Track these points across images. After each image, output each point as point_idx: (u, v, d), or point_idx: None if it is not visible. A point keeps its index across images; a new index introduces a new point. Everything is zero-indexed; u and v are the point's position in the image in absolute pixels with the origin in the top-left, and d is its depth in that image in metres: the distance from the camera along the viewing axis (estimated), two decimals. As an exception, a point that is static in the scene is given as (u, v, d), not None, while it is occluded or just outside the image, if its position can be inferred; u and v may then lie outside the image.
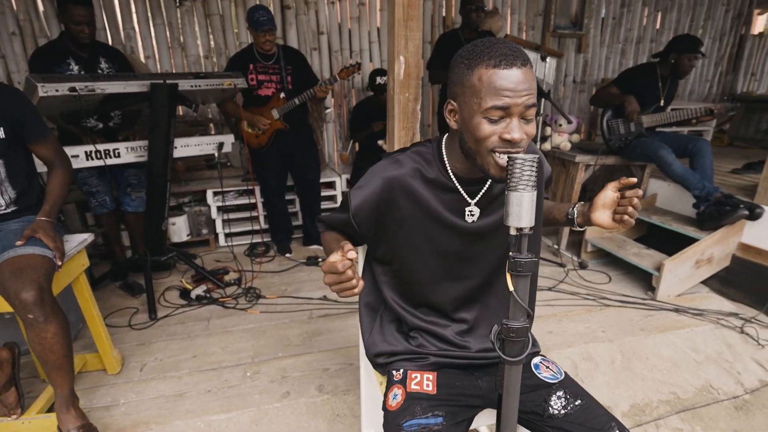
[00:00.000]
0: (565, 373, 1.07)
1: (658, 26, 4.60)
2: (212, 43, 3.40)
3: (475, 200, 0.97)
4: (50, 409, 1.56)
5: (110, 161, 2.22)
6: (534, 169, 0.73)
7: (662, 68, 2.81)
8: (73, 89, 1.86)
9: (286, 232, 3.24)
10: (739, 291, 2.57)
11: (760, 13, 5.33)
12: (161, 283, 2.71)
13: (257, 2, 3.39)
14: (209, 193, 3.14)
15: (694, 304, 2.51)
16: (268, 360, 2.01)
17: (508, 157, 0.74)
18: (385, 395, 1.01)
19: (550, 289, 2.66)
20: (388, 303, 1.09)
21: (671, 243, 2.71)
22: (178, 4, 3.19)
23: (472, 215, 0.98)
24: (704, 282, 2.70)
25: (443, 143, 0.97)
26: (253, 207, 3.27)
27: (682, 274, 2.55)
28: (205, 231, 3.23)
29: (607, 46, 4.46)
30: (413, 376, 1.01)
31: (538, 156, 0.74)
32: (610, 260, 3.03)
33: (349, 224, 0.99)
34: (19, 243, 1.35)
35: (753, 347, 2.25)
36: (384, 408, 0.99)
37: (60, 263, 1.38)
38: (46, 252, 1.37)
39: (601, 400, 1.82)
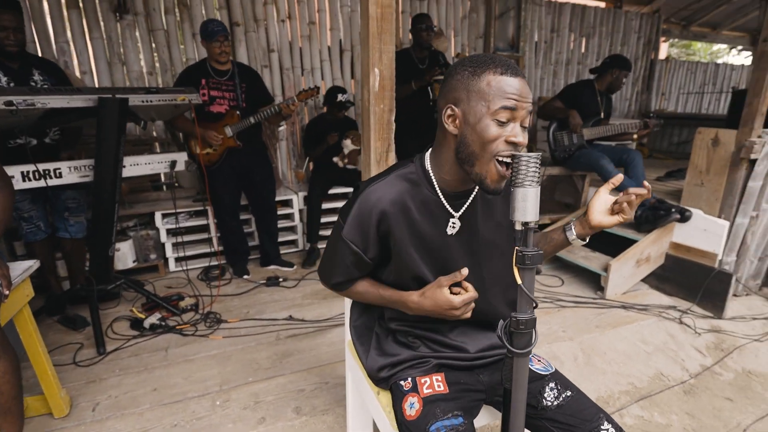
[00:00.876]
0: (554, 368, 1.11)
1: (583, 50, 5.06)
2: (156, 59, 3.25)
3: (458, 214, 1.00)
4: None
5: (51, 182, 2.03)
6: (538, 165, 0.78)
7: (599, 84, 3.09)
8: (9, 103, 1.69)
9: (242, 253, 3.11)
10: (674, 286, 2.83)
11: (665, 41, 6.03)
12: (107, 314, 2.48)
13: (204, 16, 3.31)
14: (158, 216, 2.96)
15: (638, 300, 2.72)
16: (238, 386, 1.90)
17: (513, 155, 0.78)
18: (399, 408, 0.99)
19: (510, 294, 2.77)
20: (384, 319, 1.08)
21: (613, 246, 2.93)
22: (118, 17, 3.03)
23: (453, 227, 1.00)
24: (644, 280, 2.94)
25: (426, 160, 0.99)
26: (206, 228, 3.11)
27: (625, 272, 2.76)
28: (153, 256, 3.02)
29: (541, 68, 4.82)
30: (423, 381, 1.00)
31: (540, 153, 0.79)
32: (560, 265, 3.22)
33: (362, 261, 1.00)
34: None
35: (691, 335, 2.48)
36: (402, 420, 0.97)
37: (7, 292, 1.23)
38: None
39: (570, 396, 1.91)
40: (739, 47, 7.20)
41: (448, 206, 0.98)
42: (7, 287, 1.23)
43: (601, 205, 1.02)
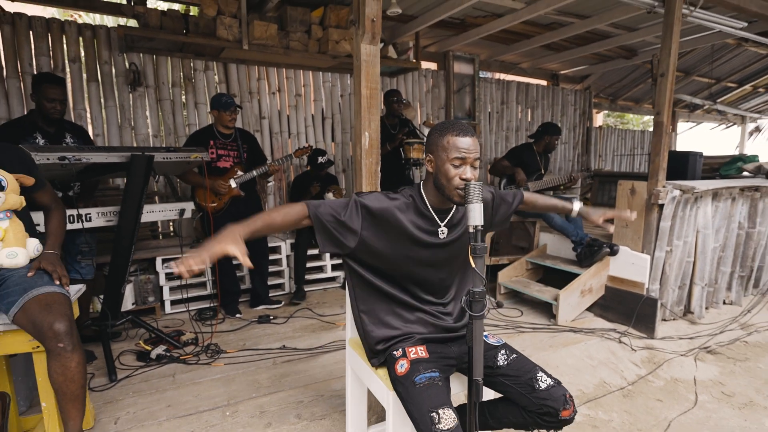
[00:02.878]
0: (504, 341, 1.52)
1: (529, 119, 5.90)
2: (161, 123, 3.69)
3: (443, 223, 1.45)
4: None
5: (85, 225, 2.36)
6: (480, 189, 1.24)
7: (537, 146, 3.75)
8: (63, 158, 2.06)
9: (235, 294, 3.39)
10: (614, 313, 3.31)
11: (598, 112, 7.05)
12: (114, 349, 2.69)
13: (206, 89, 3.82)
14: (158, 261, 3.25)
15: (584, 325, 3.18)
16: (244, 400, 2.16)
17: (465, 184, 1.25)
18: (393, 369, 1.36)
19: (476, 323, 3.17)
20: (383, 300, 1.47)
21: (563, 281, 3.42)
22: (131, 89, 3.50)
23: (443, 234, 1.45)
24: (590, 309, 3.42)
25: (422, 187, 1.46)
26: (202, 273, 3.41)
27: (572, 301, 3.23)
28: (151, 299, 3.26)
29: (494, 133, 5.58)
30: (410, 350, 1.38)
31: (481, 182, 1.26)
32: (519, 299, 3.67)
33: (355, 209, 1.36)
34: (30, 274, 1.51)
35: (628, 352, 2.92)
36: (394, 377, 1.34)
37: (67, 288, 1.55)
38: (64, 291, 1.53)
39: (529, 399, 2.27)
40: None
41: (435, 217, 1.43)
42: (66, 285, 1.55)
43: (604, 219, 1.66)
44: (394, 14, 3.33)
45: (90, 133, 3.42)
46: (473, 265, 1.23)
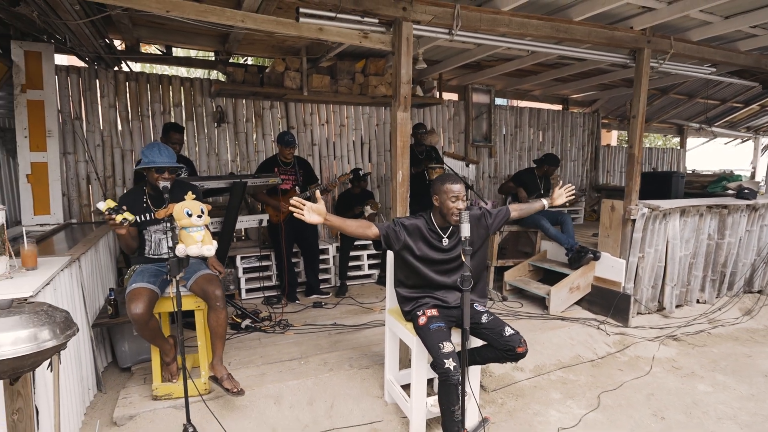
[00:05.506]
0: (487, 309, 2.38)
1: (541, 140, 6.68)
2: (237, 151, 4.72)
3: (446, 236, 2.33)
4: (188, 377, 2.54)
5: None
6: (467, 215, 2.12)
7: (539, 171, 4.57)
8: (201, 186, 3.05)
9: (293, 286, 4.35)
10: (597, 306, 4.08)
11: (608, 132, 7.73)
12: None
13: (271, 126, 4.83)
14: (238, 258, 4.25)
15: (572, 315, 3.97)
16: (312, 355, 3.09)
17: (459, 212, 2.14)
18: (416, 321, 2.25)
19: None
20: (407, 287, 2.37)
21: (556, 280, 4.21)
22: (217, 126, 4.54)
23: (445, 242, 2.33)
24: (578, 303, 4.19)
25: (431, 213, 2.35)
26: (269, 268, 4.39)
27: (562, 296, 4.03)
28: (232, 287, 4.26)
29: (508, 153, 6.39)
30: (427, 311, 2.26)
31: (468, 211, 2.15)
32: (521, 294, 4.48)
33: (396, 227, 2.28)
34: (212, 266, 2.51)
35: (604, 336, 3.70)
36: (416, 326, 2.23)
37: (223, 274, 2.52)
38: (218, 275, 2.51)
39: (518, 364, 3.10)
40: (669, 135, 8.99)
41: (441, 232, 2.32)
42: (222, 274, 2.52)
43: (557, 198, 2.47)
44: (420, 68, 4.23)
45: (187, 159, 4.49)
46: (463, 259, 2.11)
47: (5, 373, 1.42)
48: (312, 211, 2.07)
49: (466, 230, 2.10)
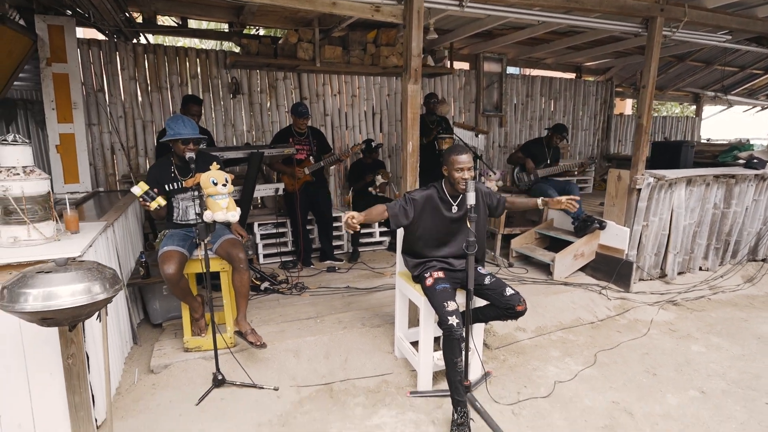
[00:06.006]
0: (491, 273, 2.54)
1: (552, 109, 6.66)
2: (252, 122, 4.86)
3: (455, 203, 2.47)
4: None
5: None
6: (473, 184, 2.26)
7: (547, 141, 4.63)
8: (221, 156, 3.21)
9: (308, 251, 4.57)
10: (600, 273, 4.23)
11: (621, 100, 7.64)
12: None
13: (285, 97, 4.93)
14: (255, 225, 4.45)
15: (575, 281, 4.13)
16: (327, 314, 3.32)
17: (465, 181, 2.28)
18: (423, 282, 2.43)
19: (490, 277, 4.19)
20: (414, 250, 2.54)
21: (561, 247, 4.35)
22: (232, 97, 4.66)
23: (454, 210, 2.48)
24: (582, 269, 4.34)
25: (442, 183, 2.48)
26: (284, 234, 4.60)
27: (566, 263, 4.18)
28: (250, 252, 4.49)
29: (519, 123, 6.41)
30: (433, 273, 2.44)
31: (475, 180, 2.28)
32: (527, 261, 4.64)
33: (408, 202, 2.44)
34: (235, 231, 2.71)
35: (605, 300, 3.86)
36: (424, 287, 2.41)
37: (246, 240, 2.72)
38: (241, 239, 2.70)
39: (520, 325, 3.30)
40: (686, 104, 8.82)
41: (451, 200, 2.46)
42: (246, 239, 2.71)
43: (556, 203, 2.54)
44: (431, 38, 4.25)
45: (204, 130, 4.65)
46: (469, 225, 2.27)
47: (66, 320, 1.64)
48: (354, 218, 2.25)
49: (471, 198, 2.24)
